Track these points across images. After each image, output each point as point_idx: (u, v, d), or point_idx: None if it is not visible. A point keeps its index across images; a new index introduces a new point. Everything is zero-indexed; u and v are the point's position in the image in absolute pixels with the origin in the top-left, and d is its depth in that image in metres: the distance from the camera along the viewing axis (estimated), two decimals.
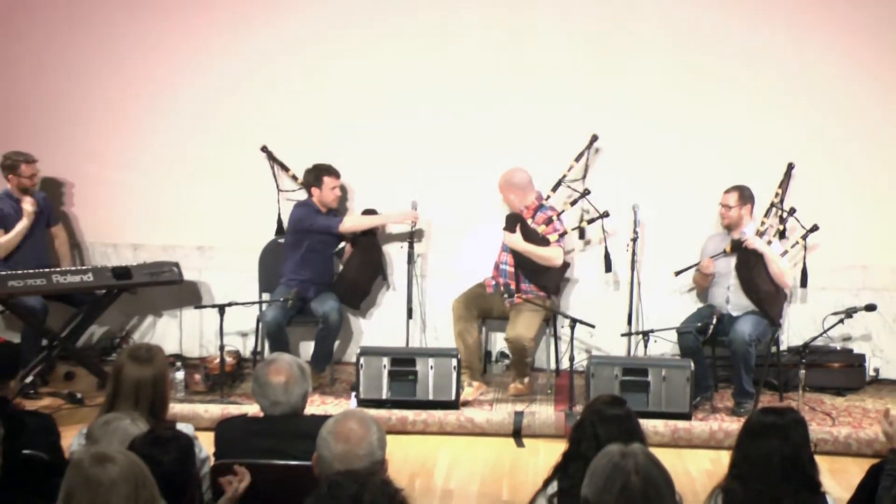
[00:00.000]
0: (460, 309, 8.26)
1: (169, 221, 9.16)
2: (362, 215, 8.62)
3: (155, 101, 9.10)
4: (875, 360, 8.68)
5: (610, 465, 3.08)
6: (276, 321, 8.11)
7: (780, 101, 8.60)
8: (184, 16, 9.02)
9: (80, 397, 8.05)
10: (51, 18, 9.10)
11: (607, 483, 3.03)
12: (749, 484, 4.01)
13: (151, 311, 9.30)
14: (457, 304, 8.30)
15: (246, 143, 8.90)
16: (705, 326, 7.83)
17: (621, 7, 8.65)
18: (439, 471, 6.98)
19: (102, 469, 3.24)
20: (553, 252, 8.07)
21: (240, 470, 4.40)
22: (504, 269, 8.24)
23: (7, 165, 8.45)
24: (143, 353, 4.94)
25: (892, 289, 8.65)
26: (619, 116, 8.68)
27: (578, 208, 8.43)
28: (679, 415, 7.51)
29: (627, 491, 3.01)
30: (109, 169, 9.17)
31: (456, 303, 8.30)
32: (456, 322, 8.25)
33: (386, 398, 7.70)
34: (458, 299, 8.32)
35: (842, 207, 8.53)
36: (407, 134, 8.88)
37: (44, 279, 8.08)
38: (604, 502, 3.02)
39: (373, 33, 8.85)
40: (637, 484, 3.02)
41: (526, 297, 8.07)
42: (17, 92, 9.17)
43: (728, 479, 4.14)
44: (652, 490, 3.03)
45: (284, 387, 4.83)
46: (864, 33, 8.53)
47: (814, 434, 6.19)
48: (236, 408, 7.56)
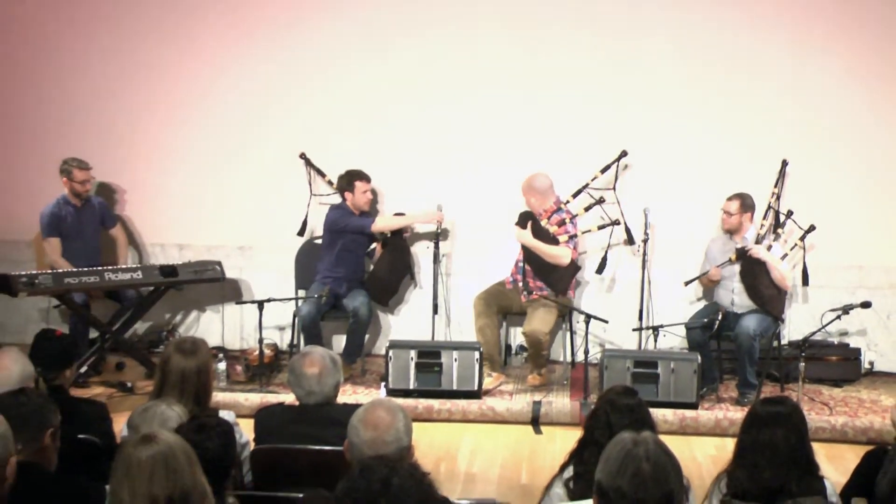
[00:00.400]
0: (481, 305, 8.24)
1: (212, 223, 9.18)
2: (392, 216, 8.61)
3: (199, 110, 9.12)
4: (870, 354, 8.64)
5: (623, 452, 3.05)
6: (310, 316, 8.12)
7: (780, 109, 8.55)
8: (226, 28, 9.04)
9: (130, 386, 8.07)
10: (103, 37, 9.14)
11: (620, 468, 3.01)
12: (753, 469, 3.99)
13: (196, 307, 9.33)
14: (477, 300, 8.28)
15: (284, 149, 8.91)
16: (711, 322, 7.80)
17: (633, 24, 8.61)
18: (463, 456, 6.96)
19: (147, 449, 3.24)
20: (561, 251, 8.03)
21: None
22: (521, 265, 8.21)
23: (63, 170, 8.50)
24: (189, 345, 4.96)
25: (886, 287, 8.60)
26: (631, 125, 8.65)
27: (596, 215, 8.37)
28: (686, 404, 7.48)
29: (639, 476, 2.98)
30: (158, 174, 9.20)
31: (477, 299, 8.28)
32: (477, 318, 8.23)
33: (413, 388, 7.70)
34: (478, 296, 8.31)
35: (839, 210, 8.47)
36: (433, 140, 8.87)
37: (97, 276, 8.12)
38: (616, 486, 2.99)
39: (401, 48, 8.84)
40: (647, 469, 2.99)
41: (541, 293, 8.04)
42: (75, 103, 9.21)
43: (733, 464, 4.13)
44: (661, 475, 3.00)
45: (318, 377, 4.84)
46: (858, 43, 8.47)
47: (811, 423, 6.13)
48: (274, 396, 7.57)
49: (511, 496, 5.89)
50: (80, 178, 8.51)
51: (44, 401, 3.97)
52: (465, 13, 8.77)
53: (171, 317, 9.35)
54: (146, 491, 3.19)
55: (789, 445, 3.92)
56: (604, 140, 8.59)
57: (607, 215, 8.24)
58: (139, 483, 3.20)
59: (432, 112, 8.88)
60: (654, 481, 3.00)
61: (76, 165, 8.50)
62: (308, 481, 4.03)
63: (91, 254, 8.65)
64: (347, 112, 8.94)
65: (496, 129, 8.81)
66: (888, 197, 8.58)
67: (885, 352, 8.67)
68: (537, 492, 4.33)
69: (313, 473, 4.27)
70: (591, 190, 8.42)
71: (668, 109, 8.63)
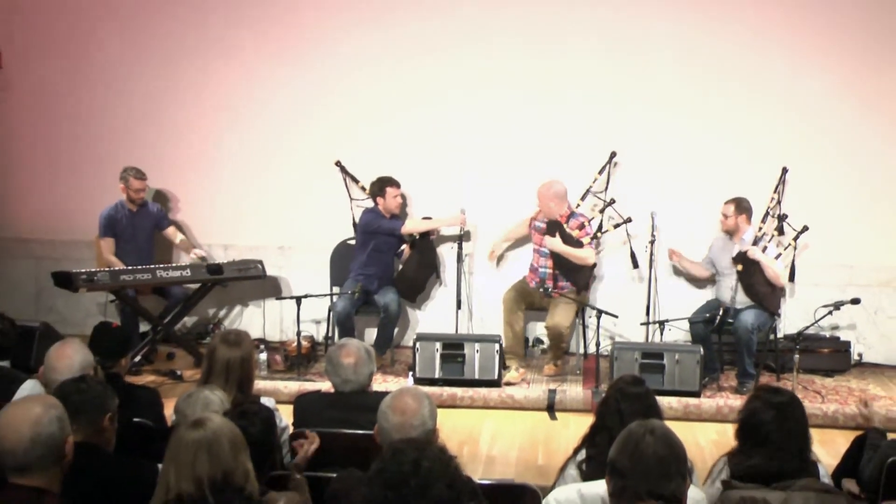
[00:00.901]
0: (511, 301, 8.20)
1: (255, 226, 9.21)
2: (420, 220, 8.63)
3: (240, 123, 9.14)
4: (859, 347, 8.59)
5: (631, 436, 3.08)
6: (345, 310, 8.14)
7: (777, 116, 8.51)
8: (263, 47, 9.06)
9: (180, 374, 8.11)
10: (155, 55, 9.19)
11: (629, 448, 3.04)
12: (752, 453, 3.98)
13: (239, 302, 9.35)
14: (507, 295, 8.24)
15: (319, 157, 8.91)
16: (713, 317, 7.79)
17: (637, 34, 8.59)
18: (484, 440, 6.97)
19: (194, 433, 3.27)
20: (587, 252, 8.05)
21: (310, 434, 4.41)
22: (542, 271, 8.18)
23: (122, 177, 8.58)
24: (233, 337, 4.98)
25: (875, 285, 8.56)
26: (636, 132, 8.65)
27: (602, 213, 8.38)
28: (690, 393, 7.47)
29: (646, 458, 3.01)
30: (206, 181, 9.25)
31: (507, 295, 8.24)
32: (506, 312, 8.19)
33: (438, 377, 7.71)
34: (508, 291, 8.28)
35: (831, 213, 8.43)
36: (457, 150, 8.87)
37: (149, 274, 8.20)
38: (624, 465, 3.02)
39: (426, 66, 8.85)
40: (652, 450, 3.02)
41: (561, 292, 8.04)
42: (132, 114, 9.27)
43: (734, 448, 4.12)
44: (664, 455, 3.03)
45: (354, 367, 4.87)
46: (850, 56, 8.43)
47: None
48: (311, 384, 7.60)
49: (528, 476, 5.89)
50: (136, 186, 8.57)
51: (103, 387, 4.01)
52: (483, 27, 8.74)
53: (217, 311, 9.38)
54: (190, 472, 3.21)
55: (785, 431, 3.91)
56: (607, 144, 8.57)
57: (619, 214, 8.23)
58: (184, 464, 3.23)
59: (456, 125, 8.88)
60: (659, 464, 3.02)
61: (133, 175, 8.56)
62: (342, 462, 4.05)
63: (144, 254, 8.71)
64: (376, 122, 8.96)
65: (513, 140, 8.81)
66: (877, 201, 8.53)
67: (873, 344, 8.63)
68: (552, 473, 4.33)
69: (347, 455, 4.27)
70: (596, 193, 8.48)
71: (672, 117, 8.61)
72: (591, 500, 3.69)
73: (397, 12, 8.87)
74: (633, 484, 3.03)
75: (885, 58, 8.44)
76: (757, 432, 4.00)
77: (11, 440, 3.16)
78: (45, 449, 3.17)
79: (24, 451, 3.16)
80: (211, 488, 3.19)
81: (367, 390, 4.94)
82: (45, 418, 3.20)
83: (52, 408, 3.26)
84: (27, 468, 3.16)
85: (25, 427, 3.17)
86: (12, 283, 9.56)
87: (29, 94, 9.42)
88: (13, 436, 3.16)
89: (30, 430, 3.17)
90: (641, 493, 3.01)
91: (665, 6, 8.59)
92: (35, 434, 3.17)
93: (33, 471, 3.17)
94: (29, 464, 3.16)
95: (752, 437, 4.02)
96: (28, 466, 3.16)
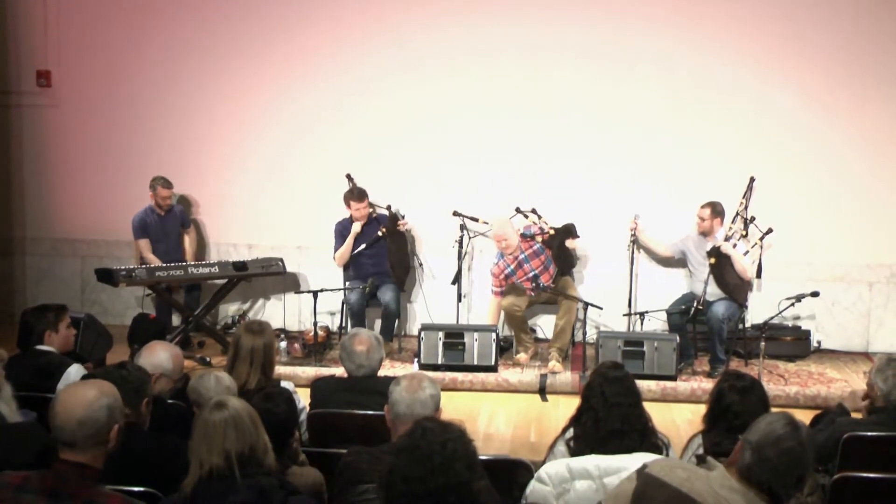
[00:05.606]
0: (512, 304, 8.04)
1: (276, 227, 9.22)
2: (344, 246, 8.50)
3: (260, 134, 9.15)
4: (818, 335, 8.59)
5: (778, 431, 3.05)
6: (358, 303, 8.18)
7: (746, 127, 8.53)
8: (280, 60, 9.06)
9: (209, 360, 8.14)
10: (181, 73, 9.20)
11: (771, 440, 3.03)
12: (723, 430, 4.00)
13: (262, 296, 9.36)
14: (507, 301, 8.08)
15: (334, 166, 8.89)
16: (688, 308, 7.79)
17: (623, 56, 8.60)
18: (481, 419, 6.99)
19: (220, 413, 3.29)
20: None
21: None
22: (532, 273, 8.02)
23: (151, 185, 8.61)
24: (256, 326, 5.00)
25: (831, 280, 8.57)
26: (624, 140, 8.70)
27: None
28: (667, 377, 7.48)
29: (788, 452, 3.01)
30: (235, 187, 9.25)
31: (506, 302, 8.09)
32: (506, 295, 8.13)
33: (441, 363, 7.72)
34: (506, 299, 8.12)
35: (794, 216, 8.44)
36: (454, 162, 8.90)
37: (181, 271, 8.23)
38: (769, 457, 3.01)
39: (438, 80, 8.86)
40: (796, 449, 3.02)
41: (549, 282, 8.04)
42: (168, 130, 9.28)
43: (705, 426, 4.15)
44: (801, 457, 3.03)
45: (366, 353, 4.88)
46: (815, 69, 8.46)
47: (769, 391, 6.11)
48: (326, 370, 7.59)
49: (522, 452, 5.88)
50: (163, 194, 8.60)
51: (143, 374, 4.04)
52: (488, 47, 8.75)
53: (242, 303, 9.40)
54: (221, 447, 3.23)
55: (749, 411, 3.92)
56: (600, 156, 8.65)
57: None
58: (215, 441, 3.24)
59: (454, 139, 8.90)
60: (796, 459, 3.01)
61: (161, 183, 8.58)
62: (354, 440, 4.06)
63: (174, 253, 8.73)
64: (382, 132, 8.97)
65: (506, 151, 8.84)
66: (835, 204, 8.54)
67: (830, 333, 8.64)
68: (544, 449, 4.33)
69: (359, 434, 4.30)
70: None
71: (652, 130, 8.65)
72: (577, 472, 3.71)
73: (413, 26, 8.84)
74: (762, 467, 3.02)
75: (846, 73, 8.43)
76: (724, 412, 4.03)
77: (63, 417, 3.17)
78: (90, 430, 3.17)
79: (71, 430, 3.16)
80: (238, 461, 3.21)
81: (377, 375, 4.96)
82: (96, 404, 3.20)
83: (106, 396, 3.25)
84: (74, 445, 3.17)
85: (78, 408, 3.18)
86: (61, 279, 9.60)
87: (75, 110, 9.43)
88: (65, 414, 3.17)
89: (80, 412, 3.17)
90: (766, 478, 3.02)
91: (646, 24, 8.56)
92: (84, 416, 3.17)
93: (78, 448, 3.18)
94: (75, 441, 3.17)
95: (720, 417, 4.06)
96: (74, 443, 3.17)
